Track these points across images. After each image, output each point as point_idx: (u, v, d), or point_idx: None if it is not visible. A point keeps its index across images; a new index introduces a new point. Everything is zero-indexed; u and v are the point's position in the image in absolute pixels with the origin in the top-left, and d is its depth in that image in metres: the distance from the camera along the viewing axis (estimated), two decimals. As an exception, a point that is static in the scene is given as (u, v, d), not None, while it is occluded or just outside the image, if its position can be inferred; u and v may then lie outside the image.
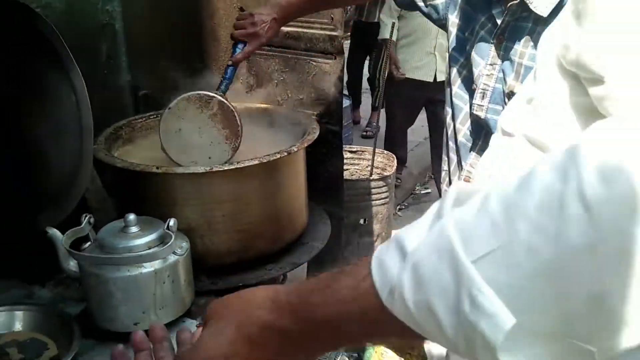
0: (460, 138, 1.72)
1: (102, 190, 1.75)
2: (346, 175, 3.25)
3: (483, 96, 1.53)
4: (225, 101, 1.81)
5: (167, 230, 1.53)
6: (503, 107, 1.44)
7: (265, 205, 1.79)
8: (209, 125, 1.82)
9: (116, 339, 1.44)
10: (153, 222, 1.57)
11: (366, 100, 7.43)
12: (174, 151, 1.83)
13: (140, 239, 1.51)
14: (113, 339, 1.44)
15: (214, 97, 1.81)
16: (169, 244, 1.51)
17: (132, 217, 1.53)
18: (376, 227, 2.93)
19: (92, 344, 1.50)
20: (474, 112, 1.59)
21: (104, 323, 1.52)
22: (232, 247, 1.78)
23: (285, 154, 1.69)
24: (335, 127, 2.28)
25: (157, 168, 1.63)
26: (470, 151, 1.67)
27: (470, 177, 1.59)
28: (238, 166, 1.62)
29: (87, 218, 1.57)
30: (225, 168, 1.62)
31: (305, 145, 1.77)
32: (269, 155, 1.67)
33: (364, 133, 6.81)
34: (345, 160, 3.21)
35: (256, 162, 1.64)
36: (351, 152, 3.40)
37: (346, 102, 5.05)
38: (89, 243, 1.58)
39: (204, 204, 1.71)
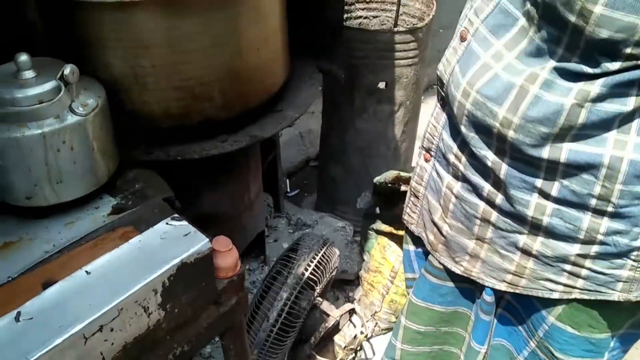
0: None
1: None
2: (371, 24, 2.69)
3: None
4: None
5: (59, 81, 1.10)
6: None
7: (214, 55, 1.31)
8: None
9: (13, 212, 1.19)
10: (57, 66, 1.14)
11: None
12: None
13: (29, 90, 1.10)
14: (10, 213, 1.19)
15: None
16: (57, 98, 1.09)
17: (24, 57, 1.12)
18: (398, 93, 2.41)
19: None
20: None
21: (-5, 191, 1.18)
22: (170, 109, 1.34)
23: (236, -18, 1.19)
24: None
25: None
26: None
27: None
28: (164, -5, 1.14)
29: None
30: (146, -3, 1.14)
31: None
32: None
33: None
34: (372, 4, 2.65)
35: (191, -9, 1.15)
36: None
37: None
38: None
39: (126, 46, 1.25)
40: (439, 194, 1.20)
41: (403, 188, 2.00)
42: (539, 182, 1.01)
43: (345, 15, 2.40)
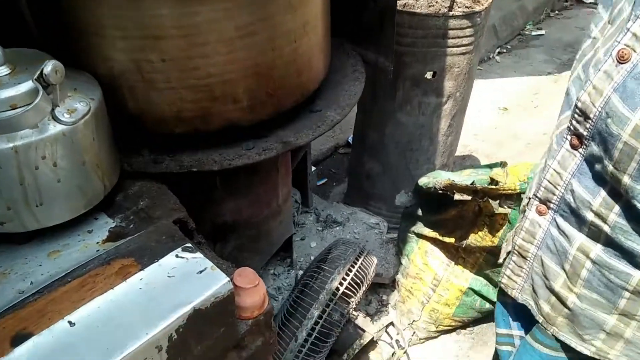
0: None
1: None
2: (417, 4, 2.41)
3: None
4: None
5: (37, 82, 0.87)
6: None
7: (240, 47, 1.07)
8: None
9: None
10: (39, 61, 0.91)
11: None
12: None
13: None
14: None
15: None
16: (34, 103, 0.86)
17: (-5, 50, 0.89)
18: (448, 84, 2.13)
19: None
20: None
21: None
22: (184, 112, 1.11)
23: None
24: None
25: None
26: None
27: None
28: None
29: None
30: (153, -24, 0.89)
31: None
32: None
33: None
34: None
35: (210, -31, 0.90)
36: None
37: None
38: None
39: (130, 36, 1.02)
40: (562, 256, 0.96)
41: (457, 197, 1.75)
42: None
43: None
